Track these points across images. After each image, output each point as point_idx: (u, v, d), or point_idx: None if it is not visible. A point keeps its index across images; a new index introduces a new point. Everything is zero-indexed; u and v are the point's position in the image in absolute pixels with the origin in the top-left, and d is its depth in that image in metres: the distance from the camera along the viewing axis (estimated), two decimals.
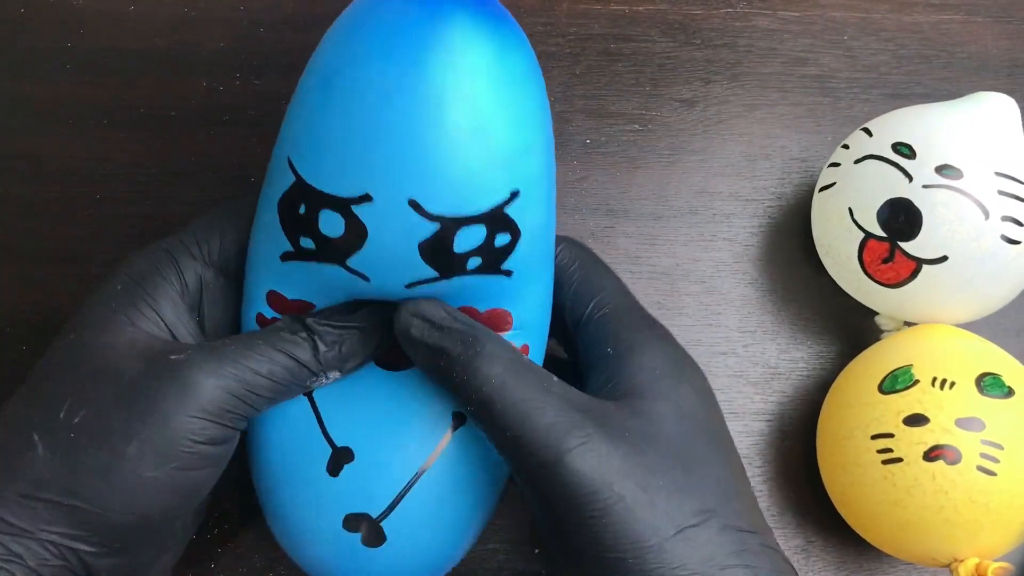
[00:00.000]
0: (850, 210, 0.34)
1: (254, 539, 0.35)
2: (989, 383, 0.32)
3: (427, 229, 0.24)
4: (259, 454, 0.28)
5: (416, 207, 0.24)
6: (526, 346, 0.29)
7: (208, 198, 0.39)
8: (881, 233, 0.34)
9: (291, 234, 0.26)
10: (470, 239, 0.25)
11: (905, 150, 0.34)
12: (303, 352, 0.26)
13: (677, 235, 0.40)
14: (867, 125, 0.36)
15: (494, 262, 0.26)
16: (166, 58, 0.41)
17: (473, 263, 0.26)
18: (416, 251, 0.25)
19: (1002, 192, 0.32)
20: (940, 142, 0.33)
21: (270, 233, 0.27)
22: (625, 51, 0.43)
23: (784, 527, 0.36)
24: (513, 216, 0.25)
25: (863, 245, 0.34)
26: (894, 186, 0.33)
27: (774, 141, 0.41)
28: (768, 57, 0.43)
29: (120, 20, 0.42)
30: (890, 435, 0.31)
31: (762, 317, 0.39)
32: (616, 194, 0.40)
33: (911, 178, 0.33)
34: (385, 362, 0.28)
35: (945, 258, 0.33)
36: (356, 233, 0.24)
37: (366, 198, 0.24)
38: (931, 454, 0.30)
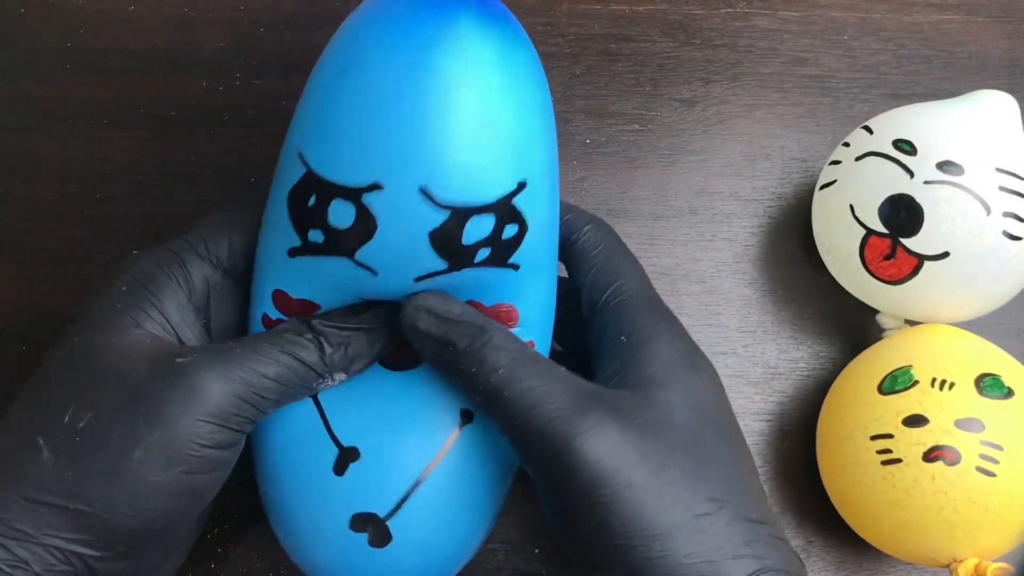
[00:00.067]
0: (851, 207, 0.34)
1: (254, 539, 0.35)
2: (989, 384, 0.32)
3: (437, 218, 0.24)
4: (263, 455, 0.28)
5: (426, 195, 0.24)
6: (531, 342, 0.29)
7: (208, 198, 0.39)
8: (883, 229, 0.34)
9: (300, 228, 0.26)
10: (479, 229, 0.25)
11: (906, 147, 0.34)
12: (309, 354, 0.26)
13: (677, 235, 0.40)
14: (867, 123, 0.36)
15: (502, 254, 0.26)
16: (166, 58, 0.41)
17: (482, 255, 0.26)
18: (426, 241, 0.25)
19: (1003, 188, 0.32)
20: (941, 138, 0.33)
21: (278, 229, 0.27)
22: (625, 51, 0.43)
23: (784, 527, 0.36)
24: (520, 208, 0.26)
25: (864, 242, 0.34)
26: (895, 182, 0.33)
27: (774, 141, 0.41)
28: (768, 57, 0.43)
29: (120, 20, 0.42)
30: (890, 436, 0.31)
31: (762, 317, 0.39)
32: (616, 194, 0.40)
33: (912, 174, 0.33)
34: (390, 362, 0.28)
35: (947, 254, 0.33)
36: (366, 224, 0.24)
37: (376, 187, 0.24)
38: (931, 455, 0.30)
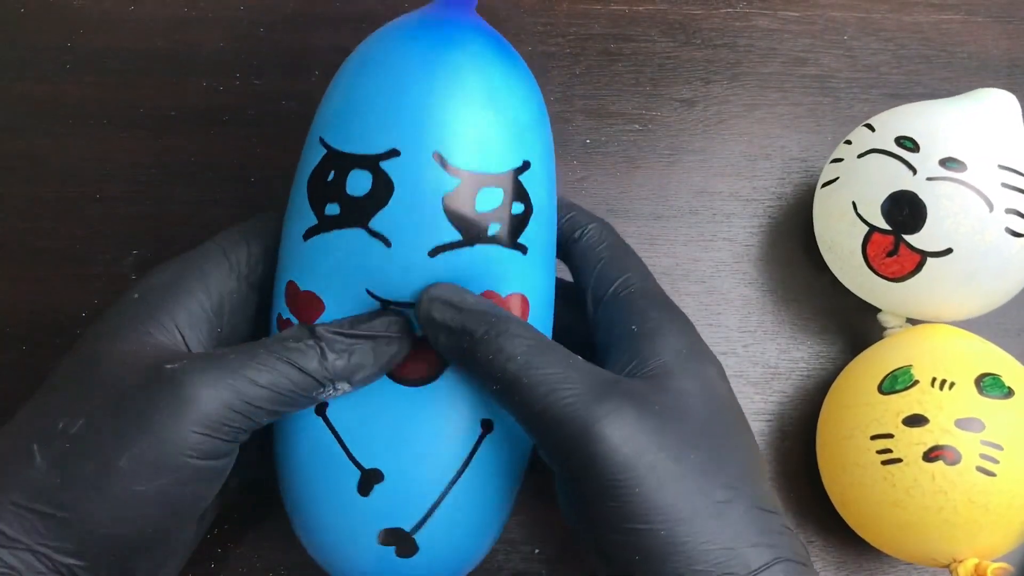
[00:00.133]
0: (854, 204, 0.34)
1: (254, 539, 0.34)
2: (989, 383, 0.31)
3: (450, 182, 0.26)
4: (286, 472, 0.28)
5: (440, 160, 0.26)
6: None
7: (208, 198, 0.39)
8: (885, 226, 0.34)
9: (317, 204, 0.27)
10: (490, 199, 0.27)
11: (908, 144, 0.34)
12: (308, 360, 0.26)
13: (677, 235, 0.40)
14: (869, 121, 0.36)
15: (511, 232, 0.27)
16: (166, 58, 0.41)
17: (493, 228, 0.27)
18: (440, 206, 0.26)
19: (1005, 185, 0.32)
20: (943, 135, 0.33)
21: (296, 215, 0.28)
22: (625, 51, 0.43)
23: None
24: (526, 187, 0.28)
25: (867, 239, 0.34)
26: (898, 179, 0.33)
27: (774, 141, 0.41)
28: (768, 57, 0.43)
29: (120, 20, 0.42)
30: (890, 435, 0.31)
31: (762, 317, 0.39)
32: (616, 194, 0.40)
33: (915, 171, 0.33)
34: (404, 379, 0.28)
35: (950, 250, 0.33)
36: (383, 189, 0.26)
37: (394, 152, 0.26)
38: (931, 455, 0.30)
